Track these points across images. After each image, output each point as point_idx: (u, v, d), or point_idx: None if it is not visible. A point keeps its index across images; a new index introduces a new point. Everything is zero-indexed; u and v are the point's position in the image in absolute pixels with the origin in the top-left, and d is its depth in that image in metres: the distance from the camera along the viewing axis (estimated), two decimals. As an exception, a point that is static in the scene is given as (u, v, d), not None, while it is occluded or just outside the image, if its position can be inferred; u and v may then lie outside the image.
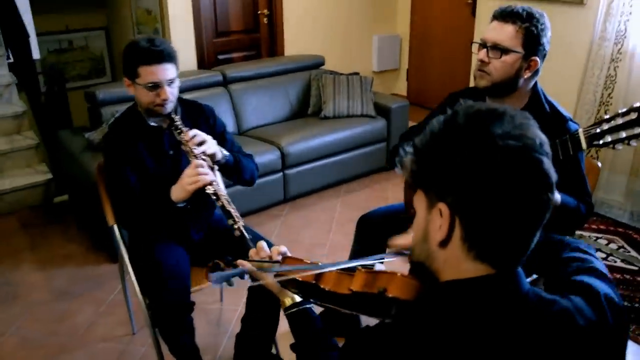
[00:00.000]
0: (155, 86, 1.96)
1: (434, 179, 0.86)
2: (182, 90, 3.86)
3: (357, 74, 4.38)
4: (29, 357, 2.51)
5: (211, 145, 2.00)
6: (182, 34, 4.62)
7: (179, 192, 1.94)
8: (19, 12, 4.32)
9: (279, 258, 1.36)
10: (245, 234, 1.85)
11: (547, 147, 0.84)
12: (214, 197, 1.90)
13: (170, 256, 2.08)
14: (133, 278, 2.13)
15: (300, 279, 1.22)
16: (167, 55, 1.96)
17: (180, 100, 2.22)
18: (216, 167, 2.01)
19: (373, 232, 2.30)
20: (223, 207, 1.89)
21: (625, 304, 2.70)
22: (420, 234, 0.92)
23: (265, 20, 5.11)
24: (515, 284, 0.87)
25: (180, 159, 2.07)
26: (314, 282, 1.20)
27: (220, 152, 2.06)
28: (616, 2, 3.41)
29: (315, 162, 3.93)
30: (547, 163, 0.83)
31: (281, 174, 3.82)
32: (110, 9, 6.01)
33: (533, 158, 0.82)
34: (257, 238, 1.86)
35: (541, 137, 0.85)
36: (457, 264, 0.87)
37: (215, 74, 4.16)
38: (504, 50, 1.75)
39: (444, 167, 0.84)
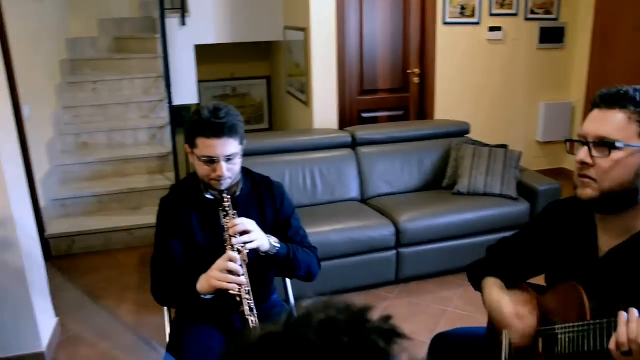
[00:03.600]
0: (212, 161, 1.79)
1: None
2: (307, 149, 3.79)
3: (504, 146, 3.84)
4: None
5: (256, 238, 1.76)
6: (324, 90, 4.54)
7: (204, 283, 1.74)
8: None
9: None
10: None
11: None
12: (238, 300, 1.66)
13: (200, 342, 1.87)
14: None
15: None
16: (227, 130, 1.76)
17: (249, 173, 2.04)
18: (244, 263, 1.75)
19: (450, 357, 1.86)
20: (242, 313, 1.63)
21: None
22: None
23: (416, 79, 4.82)
24: None
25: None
26: None
27: (269, 244, 1.80)
28: None
29: (437, 243, 3.48)
30: None
31: (394, 252, 3.43)
32: (272, 60, 6.22)
33: None
34: None
35: None
36: None
37: (344, 134, 3.95)
38: (613, 145, 1.27)
39: None
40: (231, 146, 1.78)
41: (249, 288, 1.71)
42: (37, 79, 4.31)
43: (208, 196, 1.93)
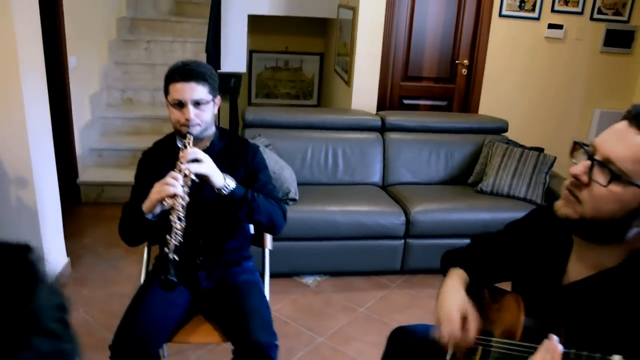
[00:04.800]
0: (181, 104, 1.87)
1: None
2: (333, 127, 3.75)
3: (540, 149, 3.65)
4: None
5: (205, 167, 1.78)
6: (366, 71, 4.47)
7: (146, 201, 1.79)
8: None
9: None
10: (172, 253, 1.66)
11: None
12: (169, 209, 1.72)
13: (163, 294, 1.91)
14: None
15: None
16: (195, 75, 1.87)
17: (227, 134, 2.09)
18: (185, 188, 1.75)
19: (404, 352, 1.80)
20: (170, 220, 1.68)
21: None
22: None
23: (464, 71, 4.65)
24: None
25: (204, 184, 1.88)
26: None
27: (223, 180, 1.81)
28: None
29: (448, 238, 3.36)
30: None
31: (402, 241, 3.36)
32: (326, 37, 6.18)
33: None
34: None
35: None
36: None
37: (374, 117, 3.88)
38: (617, 177, 1.05)
39: None
40: (199, 91, 1.86)
41: (184, 203, 1.72)
42: (90, 33, 4.49)
43: (179, 144, 1.97)
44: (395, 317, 2.96)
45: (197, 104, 1.87)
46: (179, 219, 1.70)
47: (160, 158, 2.01)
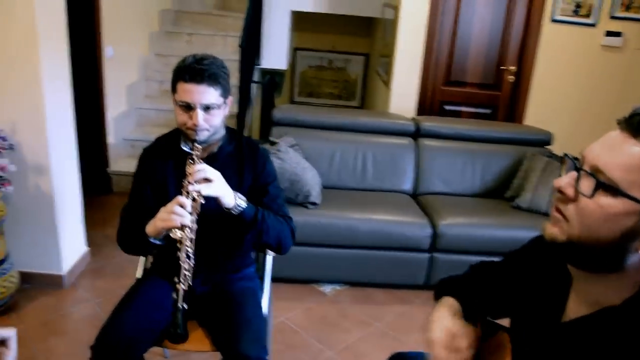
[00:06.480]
0: (188, 106, 1.73)
1: None
2: (364, 130, 3.60)
3: (585, 166, 3.38)
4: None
5: (216, 188, 1.66)
6: (405, 73, 4.31)
7: (150, 225, 1.68)
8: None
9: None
10: (181, 301, 1.55)
11: None
12: (178, 244, 1.60)
13: (153, 295, 1.83)
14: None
15: None
16: (207, 77, 1.70)
17: (236, 135, 1.96)
18: (193, 218, 1.64)
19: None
20: (178, 259, 1.57)
21: None
22: None
23: (510, 78, 4.40)
24: None
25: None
26: None
27: (234, 201, 1.70)
28: None
29: (478, 255, 3.13)
30: None
31: (428, 255, 3.18)
32: (372, 38, 6.03)
33: None
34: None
35: None
36: None
37: (407, 122, 3.71)
38: (607, 187, 0.89)
39: None
40: (210, 95, 1.72)
41: (193, 236, 1.62)
42: (129, 24, 4.51)
43: (184, 148, 1.87)
44: (413, 336, 2.79)
45: (207, 108, 1.72)
46: (188, 256, 1.58)
47: (162, 157, 1.90)
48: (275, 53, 5.19)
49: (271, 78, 5.27)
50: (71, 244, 3.05)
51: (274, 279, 3.15)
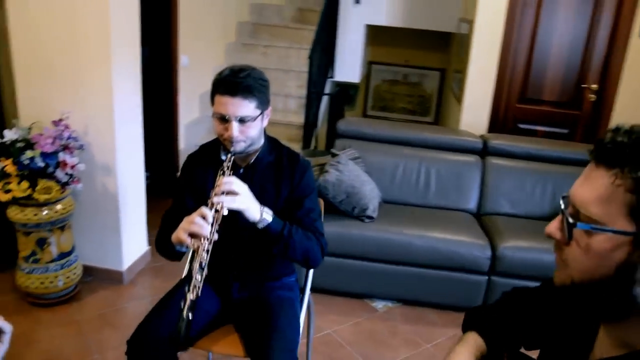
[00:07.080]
0: (223, 119, 1.74)
1: None
2: (429, 145, 3.50)
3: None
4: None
5: (240, 202, 1.66)
6: (477, 88, 4.17)
7: (174, 233, 1.69)
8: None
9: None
10: (186, 311, 1.52)
11: None
12: (194, 254, 1.62)
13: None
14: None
15: None
16: (242, 89, 1.70)
17: (278, 147, 1.95)
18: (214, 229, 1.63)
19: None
20: (191, 270, 1.56)
21: None
22: None
23: (591, 96, 4.15)
24: None
25: None
26: None
27: (260, 214, 1.69)
28: None
29: (539, 281, 2.97)
30: None
31: (486, 277, 3.04)
32: (448, 53, 5.90)
33: None
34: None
35: None
36: None
37: (475, 139, 3.58)
38: (585, 227, 0.84)
39: None
40: (245, 107, 1.72)
41: (210, 248, 1.62)
42: (206, 35, 4.68)
43: (222, 157, 1.89)
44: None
45: (242, 120, 1.73)
46: (201, 267, 1.58)
47: (204, 164, 1.93)
48: (348, 66, 5.21)
49: (341, 90, 5.28)
50: (133, 242, 3.18)
51: (325, 291, 3.15)
